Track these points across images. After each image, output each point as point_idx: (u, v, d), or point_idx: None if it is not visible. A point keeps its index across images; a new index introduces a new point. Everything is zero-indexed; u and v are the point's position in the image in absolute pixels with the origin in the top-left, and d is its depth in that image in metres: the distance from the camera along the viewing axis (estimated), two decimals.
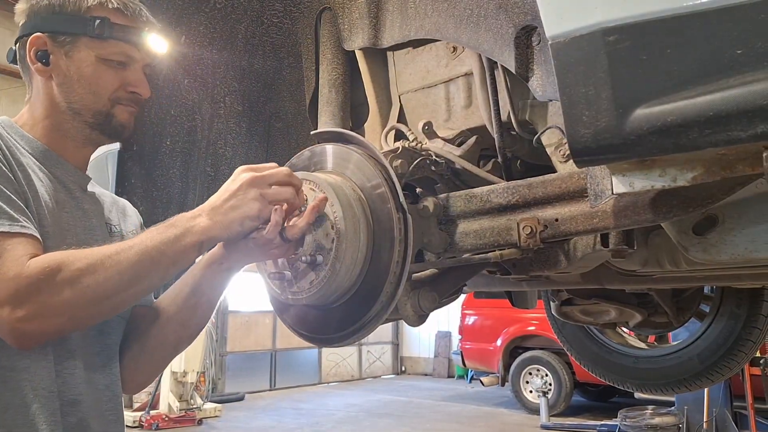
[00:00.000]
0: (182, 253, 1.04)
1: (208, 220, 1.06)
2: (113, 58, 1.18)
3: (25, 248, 0.99)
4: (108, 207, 1.30)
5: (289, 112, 1.99)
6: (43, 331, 1.00)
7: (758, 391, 6.15)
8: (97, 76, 1.17)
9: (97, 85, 1.17)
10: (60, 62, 1.16)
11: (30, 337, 0.99)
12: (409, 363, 15.60)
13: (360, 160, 1.30)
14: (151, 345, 1.27)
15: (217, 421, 9.27)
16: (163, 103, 1.78)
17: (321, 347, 8.40)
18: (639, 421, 6.38)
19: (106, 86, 1.18)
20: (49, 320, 0.98)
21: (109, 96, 1.19)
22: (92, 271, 0.98)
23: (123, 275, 1.00)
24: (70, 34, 1.16)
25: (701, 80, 0.81)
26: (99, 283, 0.98)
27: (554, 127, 1.38)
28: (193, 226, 1.05)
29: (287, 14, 1.88)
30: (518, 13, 1.26)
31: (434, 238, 1.37)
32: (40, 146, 1.17)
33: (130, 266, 1.00)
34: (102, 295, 1.00)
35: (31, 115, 1.20)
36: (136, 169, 1.74)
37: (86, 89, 1.17)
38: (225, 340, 11.88)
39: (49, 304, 0.96)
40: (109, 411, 1.18)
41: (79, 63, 1.16)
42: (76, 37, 1.16)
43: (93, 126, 1.20)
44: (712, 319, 2.77)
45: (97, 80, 1.17)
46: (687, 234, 1.33)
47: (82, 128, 1.20)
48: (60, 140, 1.20)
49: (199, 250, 1.06)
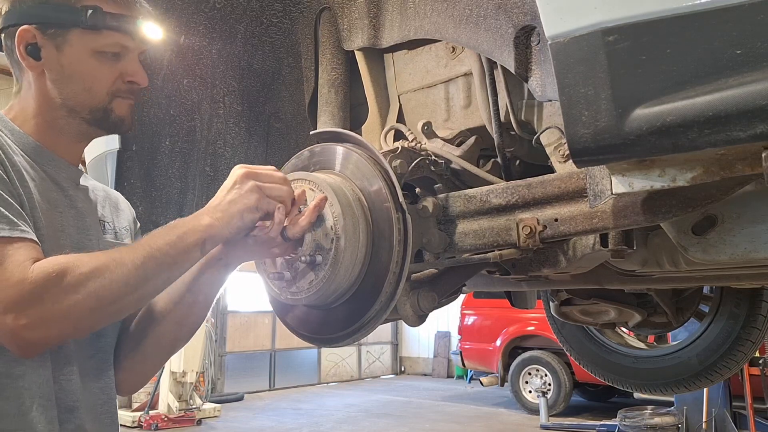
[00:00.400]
0: (185, 253, 1.03)
1: (208, 218, 1.05)
2: (108, 50, 1.12)
3: (27, 253, 0.95)
4: (101, 202, 1.25)
5: (289, 112, 1.98)
6: (48, 339, 0.97)
7: (757, 391, 6.15)
8: (93, 72, 1.12)
9: (92, 82, 1.12)
10: (52, 56, 1.10)
11: (33, 345, 0.97)
12: (409, 363, 15.60)
13: (359, 160, 1.30)
14: (147, 345, 1.24)
15: (217, 421, 9.26)
16: (162, 103, 1.78)
17: (320, 347, 8.40)
18: (638, 421, 6.38)
19: (103, 82, 1.13)
20: (54, 327, 0.95)
21: (106, 91, 1.14)
22: (97, 276, 0.95)
23: (129, 279, 0.98)
24: (61, 25, 1.09)
25: (700, 80, 0.81)
26: (104, 288, 0.96)
27: (553, 127, 1.38)
28: (195, 225, 1.04)
29: (287, 14, 1.88)
30: (518, 13, 1.26)
31: (433, 238, 1.37)
32: (32, 143, 1.12)
33: (135, 269, 0.98)
34: (107, 300, 0.97)
35: (22, 110, 1.14)
36: (135, 169, 1.74)
37: (81, 86, 1.12)
38: (224, 340, 11.87)
39: (55, 310, 0.93)
40: (105, 414, 1.16)
41: (72, 58, 1.10)
42: (67, 29, 1.10)
43: (90, 122, 1.15)
44: (712, 319, 2.77)
45: (92, 77, 1.12)
46: (686, 234, 1.33)
47: (78, 124, 1.15)
48: (53, 137, 1.15)
49: (202, 249, 1.05)
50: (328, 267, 1.19)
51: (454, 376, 14.26)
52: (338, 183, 1.27)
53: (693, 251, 1.33)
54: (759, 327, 2.67)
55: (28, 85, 1.14)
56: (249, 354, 12.36)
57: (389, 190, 1.25)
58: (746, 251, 1.29)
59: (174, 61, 1.78)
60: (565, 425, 8.34)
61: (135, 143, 1.73)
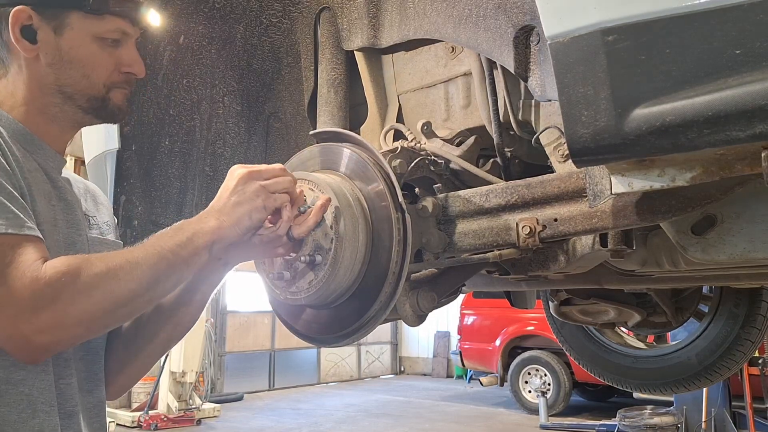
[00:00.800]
0: (195, 255, 1.00)
1: (215, 221, 1.02)
2: (109, 36, 1.08)
3: (36, 251, 0.91)
4: (83, 195, 1.20)
5: (288, 112, 1.98)
6: (60, 342, 0.94)
7: (757, 391, 6.16)
8: (92, 58, 1.08)
9: (92, 69, 1.08)
10: (49, 40, 1.05)
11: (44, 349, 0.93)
12: (408, 363, 15.60)
13: (359, 160, 1.30)
14: (139, 345, 1.20)
15: (216, 421, 9.26)
16: (161, 102, 1.78)
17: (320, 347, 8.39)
18: (638, 420, 6.38)
19: (101, 69, 1.09)
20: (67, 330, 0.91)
21: (103, 81, 1.10)
22: (112, 276, 0.92)
23: (142, 279, 0.95)
24: (61, 8, 1.05)
25: (700, 80, 0.81)
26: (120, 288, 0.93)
27: (553, 126, 1.38)
28: (202, 227, 1.01)
29: (286, 14, 1.88)
30: (517, 13, 1.26)
31: (433, 238, 1.37)
32: (22, 130, 1.06)
33: (149, 269, 0.95)
34: (121, 301, 0.94)
35: (11, 95, 1.08)
36: (134, 168, 1.74)
37: (80, 72, 1.08)
38: (224, 340, 11.87)
39: (69, 312, 0.89)
40: (94, 418, 1.12)
41: (71, 42, 1.06)
42: (67, 12, 1.05)
43: (87, 110, 1.11)
44: (711, 319, 2.77)
45: (92, 63, 1.08)
46: (686, 234, 1.33)
47: (74, 112, 1.11)
48: (43, 124, 1.09)
49: (210, 251, 1.01)
50: (328, 267, 1.19)
51: (453, 376, 14.27)
52: (338, 183, 1.27)
53: (692, 251, 1.33)
54: (758, 327, 2.67)
55: (18, 69, 1.07)
56: (248, 354, 12.36)
57: (389, 189, 1.25)
58: (745, 251, 1.29)
59: (173, 61, 1.78)
60: (564, 425, 8.34)
61: (134, 143, 1.73)
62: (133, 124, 1.72)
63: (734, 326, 2.70)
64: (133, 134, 1.72)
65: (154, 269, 0.96)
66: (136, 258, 0.96)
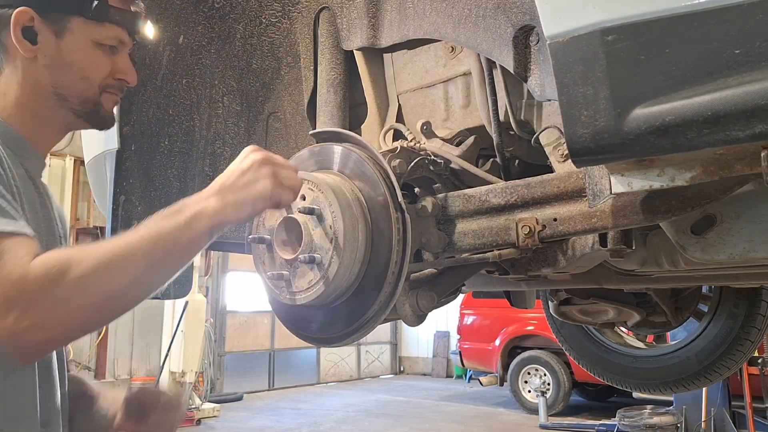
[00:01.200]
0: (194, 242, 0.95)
1: (218, 201, 0.96)
2: (107, 43, 1.10)
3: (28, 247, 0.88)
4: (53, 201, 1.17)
5: (288, 112, 1.98)
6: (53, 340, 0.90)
7: (756, 391, 6.16)
8: (91, 60, 1.09)
9: (90, 71, 1.10)
10: (49, 42, 1.06)
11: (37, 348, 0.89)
12: (408, 363, 15.60)
13: (358, 160, 1.30)
14: None
15: (216, 421, 9.26)
16: (161, 102, 1.78)
17: (320, 347, 8.40)
18: (637, 420, 6.38)
19: (99, 72, 1.11)
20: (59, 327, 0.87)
21: (99, 83, 1.11)
22: (104, 268, 0.88)
23: (137, 270, 0.90)
24: (64, 12, 1.07)
25: (699, 80, 0.81)
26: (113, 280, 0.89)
27: (552, 126, 1.38)
28: (204, 209, 0.95)
29: (285, 14, 1.88)
30: (517, 12, 1.26)
31: (433, 238, 1.37)
32: (12, 132, 1.06)
33: (144, 258, 0.90)
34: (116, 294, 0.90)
35: (4, 95, 1.08)
36: (134, 169, 1.73)
37: (78, 74, 1.09)
38: (223, 340, 11.86)
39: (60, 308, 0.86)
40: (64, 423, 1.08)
41: (71, 45, 1.07)
42: (69, 17, 1.07)
43: (79, 113, 1.12)
44: (711, 318, 2.77)
45: (90, 65, 1.09)
46: (685, 234, 1.33)
47: (66, 115, 1.11)
48: (35, 127, 1.09)
49: (210, 236, 0.96)
50: (327, 267, 1.19)
51: (453, 376, 14.26)
52: (337, 182, 1.27)
53: (692, 251, 1.33)
54: (758, 326, 2.67)
55: (13, 70, 1.08)
56: (248, 354, 12.35)
57: (388, 189, 1.25)
58: (745, 251, 1.29)
59: (173, 61, 1.78)
60: (564, 425, 8.34)
61: (134, 143, 1.73)
62: (132, 124, 1.72)
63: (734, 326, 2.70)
64: (133, 134, 1.72)
65: (149, 257, 0.91)
66: (131, 246, 0.91)
